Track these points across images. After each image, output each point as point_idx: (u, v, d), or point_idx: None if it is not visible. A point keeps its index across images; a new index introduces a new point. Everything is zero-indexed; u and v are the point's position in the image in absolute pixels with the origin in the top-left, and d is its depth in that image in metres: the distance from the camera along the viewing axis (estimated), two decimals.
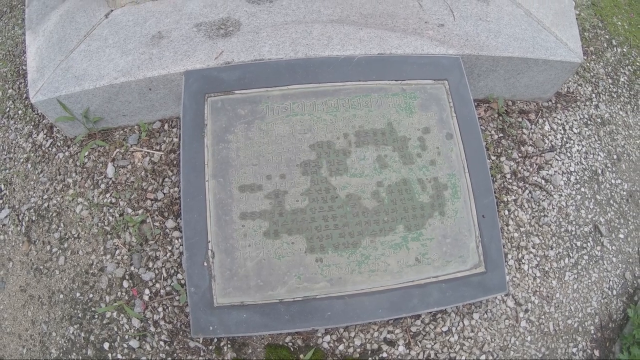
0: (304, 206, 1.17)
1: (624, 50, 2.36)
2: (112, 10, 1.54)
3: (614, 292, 1.69)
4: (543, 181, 1.65)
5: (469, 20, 1.47)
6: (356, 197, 1.19)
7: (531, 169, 1.63)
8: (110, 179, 1.48)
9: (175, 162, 1.41)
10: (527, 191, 1.60)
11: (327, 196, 1.18)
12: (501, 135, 1.61)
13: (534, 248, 1.57)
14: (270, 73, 1.23)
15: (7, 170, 1.72)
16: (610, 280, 1.70)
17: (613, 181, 1.86)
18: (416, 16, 1.40)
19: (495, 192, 1.53)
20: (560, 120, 1.82)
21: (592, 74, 2.11)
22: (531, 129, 1.70)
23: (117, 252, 1.41)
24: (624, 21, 2.57)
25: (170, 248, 1.38)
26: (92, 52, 1.46)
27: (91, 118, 1.50)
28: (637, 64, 2.38)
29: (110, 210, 1.46)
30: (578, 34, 1.76)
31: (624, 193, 1.86)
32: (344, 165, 1.22)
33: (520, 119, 1.68)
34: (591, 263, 1.67)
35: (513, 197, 1.57)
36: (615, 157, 1.92)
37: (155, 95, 1.38)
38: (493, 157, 1.57)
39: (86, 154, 1.54)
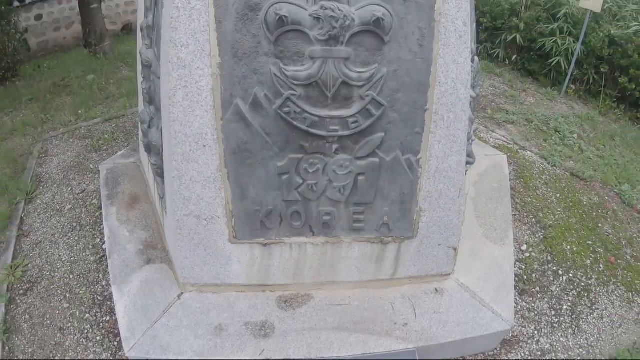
0: None
1: (570, 275, 3.35)
2: (182, 293, 2.59)
3: None
4: None
5: (426, 316, 2.49)
6: None
7: None
8: None
9: None
10: None
11: None
12: None
13: None
14: None
15: None
16: None
17: None
18: (389, 319, 2.43)
19: None
20: None
21: (535, 312, 3.08)
22: None
23: None
24: (573, 243, 3.58)
25: None
26: (171, 328, 2.49)
27: None
28: (582, 285, 3.35)
29: None
30: (513, 300, 2.75)
31: None
32: None
33: None
34: None
35: None
36: None
37: None
38: None
39: None
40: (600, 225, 3.85)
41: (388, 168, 2.21)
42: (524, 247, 3.34)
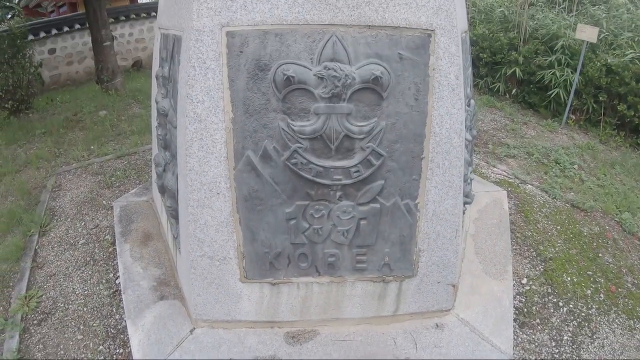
0: None
1: (570, 306, 3.50)
2: (194, 328, 2.80)
3: None
4: None
5: (427, 350, 2.68)
6: None
7: None
8: None
9: None
10: None
11: None
12: None
13: None
14: None
15: None
16: None
17: None
18: (391, 353, 2.61)
19: None
20: None
21: (536, 344, 3.25)
22: None
23: None
24: (573, 275, 3.74)
25: None
26: None
27: None
28: (582, 315, 3.50)
29: None
30: (511, 332, 2.93)
31: None
32: None
33: None
34: None
35: None
36: None
37: None
38: None
39: None
40: (600, 255, 4.01)
41: (388, 213, 2.43)
42: (524, 281, 3.51)
